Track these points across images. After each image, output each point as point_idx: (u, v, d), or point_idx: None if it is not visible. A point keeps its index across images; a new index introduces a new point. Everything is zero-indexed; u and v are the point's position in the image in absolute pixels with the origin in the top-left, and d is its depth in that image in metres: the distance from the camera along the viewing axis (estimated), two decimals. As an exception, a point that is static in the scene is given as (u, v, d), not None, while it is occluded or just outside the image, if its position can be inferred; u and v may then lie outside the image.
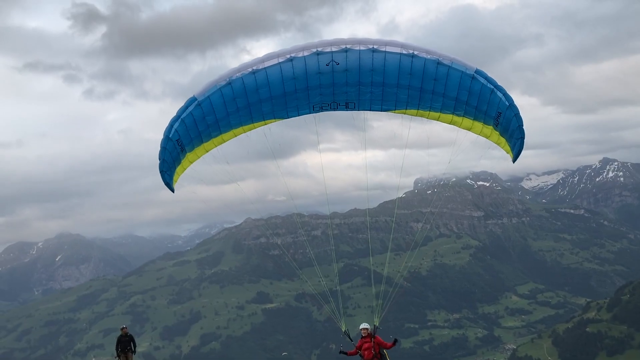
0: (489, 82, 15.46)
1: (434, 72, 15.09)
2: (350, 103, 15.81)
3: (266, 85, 15.01)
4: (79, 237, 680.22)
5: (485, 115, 15.76)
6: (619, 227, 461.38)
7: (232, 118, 15.44)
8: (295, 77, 14.96)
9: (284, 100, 15.44)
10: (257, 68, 14.91)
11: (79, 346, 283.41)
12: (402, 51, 14.94)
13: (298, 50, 14.96)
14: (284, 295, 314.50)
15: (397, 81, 15.21)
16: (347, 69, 14.89)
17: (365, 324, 15.14)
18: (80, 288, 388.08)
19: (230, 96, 14.99)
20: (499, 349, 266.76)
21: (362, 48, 14.86)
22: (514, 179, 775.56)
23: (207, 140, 15.86)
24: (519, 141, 15.89)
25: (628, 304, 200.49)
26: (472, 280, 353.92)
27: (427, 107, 15.98)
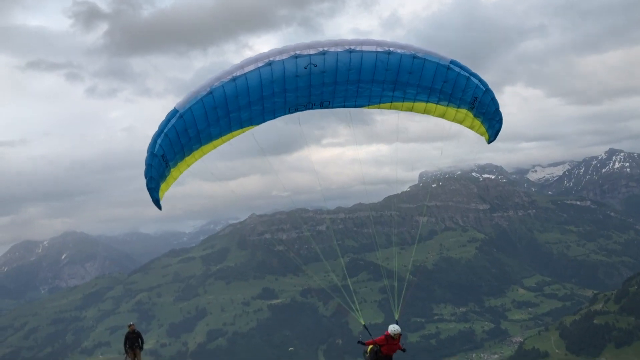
0: (464, 71, 15.85)
1: (410, 65, 15.41)
2: (325, 102, 15.97)
3: (245, 92, 14.89)
4: (84, 235, 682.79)
5: (460, 100, 16.16)
6: (625, 218, 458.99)
7: (212, 129, 15.22)
8: (274, 80, 14.95)
9: (262, 105, 15.39)
10: (237, 74, 14.78)
11: (86, 344, 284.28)
12: (378, 49, 15.23)
13: (276, 54, 14.98)
14: (289, 291, 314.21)
15: (372, 77, 15.47)
16: (325, 71, 15.03)
17: (399, 329, 15.32)
18: (86, 286, 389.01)
19: (211, 106, 14.78)
20: (506, 342, 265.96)
21: (340, 49, 15.05)
22: (520, 171, 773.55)
23: (189, 154, 15.66)
24: (498, 123, 16.88)
25: (636, 295, 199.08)
26: (478, 273, 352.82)
27: (400, 98, 16.25)
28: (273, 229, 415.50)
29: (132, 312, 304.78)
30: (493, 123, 16.84)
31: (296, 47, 14.95)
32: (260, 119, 15.82)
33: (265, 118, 15.88)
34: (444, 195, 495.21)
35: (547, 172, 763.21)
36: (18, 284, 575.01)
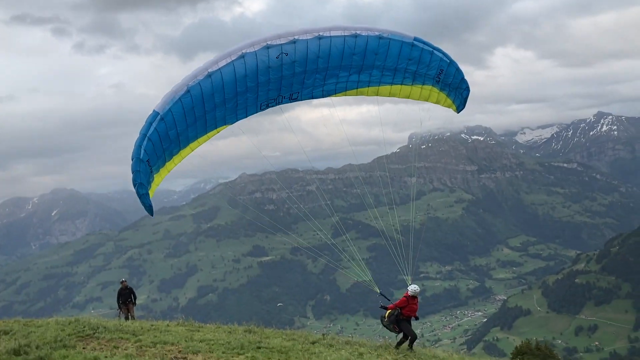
0: (427, 46, 15.97)
1: (376, 46, 15.41)
2: (294, 93, 15.84)
3: (221, 88, 14.62)
4: (74, 192, 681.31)
5: (424, 77, 16.30)
6: (611, 181, 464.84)
7: (190, 130, 14.87)
8: (247, 74, 14.70)
9: (235, 102, 15.14)
10: (212, 70, 14.49)
11: (78, 299, 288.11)
12: (346, 33, 15.20)
13: (249, 46, 14.76)
14: (279, 249, 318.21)
15: (340, 62, 15.38)
16: (295, 60, 14.89)
17: (419, 289, 15.60)
18: (77, 242, 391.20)
19: (189, 106, 14.39)
20: (489, 300, 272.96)
21: (309, 37, 14.95)
22: (508, 133, 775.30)
23: (169, 159, 15.24)
24: (466, 91, 16.95)
25: (617, 255, 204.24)
26: (464, 233, 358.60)
27: (365, 82, 16.26)
28: (263, 189, 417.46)
29: (122, 268, 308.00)
30: (460, 92, 17.03)
31: (267, 38, 14.86)
32: (233, 118, 15.59)
33: (239, 116, 15.67)
34: (432, 157, 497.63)
35: (536, 134, 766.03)
36: (9, 240, 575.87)
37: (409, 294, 15.34)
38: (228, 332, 15.11)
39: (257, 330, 16.03)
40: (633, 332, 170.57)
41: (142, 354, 11.15)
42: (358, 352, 13.41)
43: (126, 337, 12.74)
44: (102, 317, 18.42)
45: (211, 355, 11.47)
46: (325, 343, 14.70)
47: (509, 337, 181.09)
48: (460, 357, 16.05)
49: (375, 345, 15.65)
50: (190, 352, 11.66)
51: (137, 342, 12.22)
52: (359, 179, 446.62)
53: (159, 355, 11.07)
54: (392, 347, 15.26)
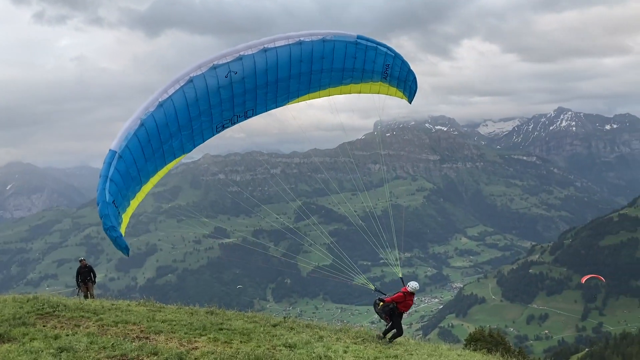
0: (370, 42, 16.10)
1: (322, 50, 15.45)
2: (249, 110, 15.59)
3: (174, 116, 14.15)
4: (31, 167, 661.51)
5: (372, 73, 16.46)
6: (567, 175, 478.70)
7: (149, 165, 14.38)
8: (198, 97, 14.32)
9: (190, 129, 14.67)
10: (163, 99, 14.02)
11: (32, 276, 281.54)
12: (290, 41, 15.12)
13: (196, 69, 14.44)
14: (241, 231, 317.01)
15: (289, 72, 15.29)
16: (244, 76, 14.69)
17: (418, 286, 15.44)
18: (33, 218, 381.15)
19: (145, 139, 13.86)
20: (446, 287, 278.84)
21: (255, 51, 14.79)
22: (471, 125, 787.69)
23: (133, 197, 14.82)
24: (413, 83, 17.32)
25: (570, 247, 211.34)
26: (424, 221, 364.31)
27: (316, 87, 16.26)
28: (227, 170, 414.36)
29: (80, 245, 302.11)
30: (408, 84, 17.27)
31: (213, 58, 14.57)
32: (190, 145, 15.14)
33: (195, 143, 15.22)
34: (397, 145, 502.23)
35: (498, 126, 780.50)
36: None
37: (407, 290, 15.27)
38: (190, 314, 15.18)
39: (218, 312, 16.14)
40: (581, 321, 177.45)
41: (104, 333, 11.15)
42: (318, 336, 13.68)
43: (87, 315, 12.70)
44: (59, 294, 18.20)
45: (173, 336, 11.55)
46: (286, 326, 14.94)
47: (464, 324, 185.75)
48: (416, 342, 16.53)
49: (335, 329, 15.97)
50: (152, 332, 11.72)
51: (99, 321, 12.22)
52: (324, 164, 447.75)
53: (121, 335, 11.10)
54: (373, 336, 15.37)
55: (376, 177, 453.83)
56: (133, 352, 9.71)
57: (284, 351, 11.11)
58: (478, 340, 28.85)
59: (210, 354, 10.02)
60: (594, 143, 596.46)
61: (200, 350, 10.38)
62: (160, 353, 9.75)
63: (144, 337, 11.19)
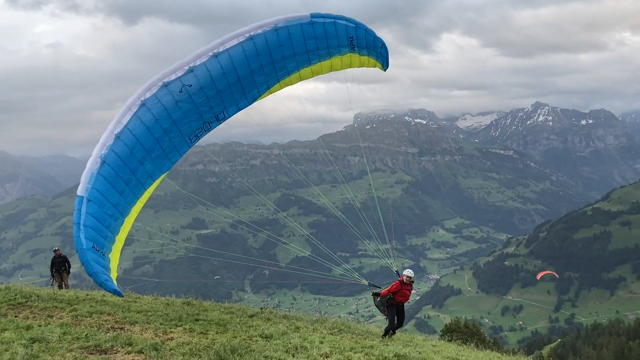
0: (327, 18, 15.62)
1: (276, 39, 14.97)
2: (220, 114, 15.10)
3: (136, 144, 13.64)
4: (5, 155, 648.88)
5: (338, 47, 16.00)
6: (543, 169, 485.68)
7: (126, 197, 13.93)
8: (157, 118, 13.85)
9: (160, 149, 14.21)
10: (119, 130, 13.58)
11: (5, 265, 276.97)
12: (240, 39, 14.70)
13: (146, 91, 14.04)
14: (219, 222, 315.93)
15: (249, 68, 14.87)
16: (202, 86, 14.24)
17: (413, 274, 14.79)
18: (6, 207, 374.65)
19: (112, 175, 13.42)
20: (423, 278, 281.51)
21: (205, 59, 14.39)
22: (450, 118, 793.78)
23: (118, 232, 14.25)
24: (383, 49, 16.73)
25: (544, 240, 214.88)
26: (402, 213, 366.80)
27: (284, 74, 15.82)
28: (205, 160, 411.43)
29: (55, 235, 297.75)
30: (378, 51, 16.68)
31: (162, 76, 14.18)
32: (167, 163, 14.79)
33: (172, 159, 14.85)
34: (376, 137, 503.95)
35: (476, 120, 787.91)
36: None
37: (403, 278, 14.71)
38: (166, 304, 15.09)
39: (195, 303, 16.07)
40: (554, 312, 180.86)
41: (78, 324, 11.03)
42: (295, 326, 13.72)
43: (61, 306, 12.55)
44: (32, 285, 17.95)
45: (149, 327, 11.47)
46: (263, 317, 14.95)
47: (440, 315, 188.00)
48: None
49: (312, 319, 16.03)
50: (127, 322, 11.62)
51: (73, 311, 12.07)
52: (304, 155, 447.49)
53: (95, 325, 10.98)
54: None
55: (356, 169, 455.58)
56: (107, 343, 9.62)
57: (260, 342, 11.12)
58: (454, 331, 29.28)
59: (186, 345, 9.98)
60: (569, 138, 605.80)
61: (175, 341, 10.33)
62: (134, 344, 9.67)
63: (118, 328, 11.09)
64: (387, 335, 14.44)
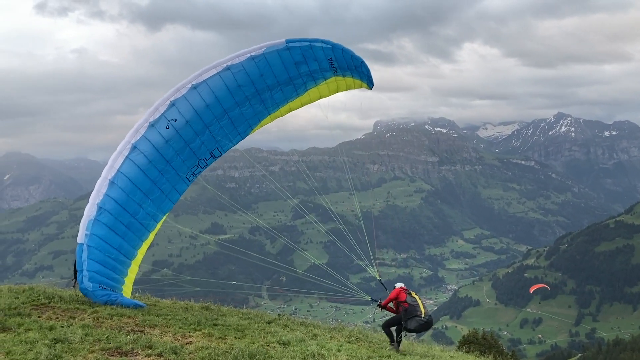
0: (303, 42, 15.16)
1: (255, 68, 14.63)
2: (215, 150, 14.97)
3: (133, 189, 13.71)
4: (29, 157, 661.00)
5: (321, 71, 15.57)
6: (565, 180, 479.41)
7: (130, 240, 14.02)
8: (151, 160, 13.87)
9: (159, 191, 14.23)
10: (112, 176, 13.70)
11: (27, 267, 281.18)
12: (218, 69, 14.43)
13: (134, 134, 14.00)
14: (238, 227, 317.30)
15: (233, 101, 14.62)
16: (188, 120, 14.09)
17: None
18: (30, 209, 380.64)
19: (111, 221, 13.53)
20: (441, 289, 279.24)
21: (185, 92, 14.22)
22: (471, 127, 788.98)
23: (126, 275, 14.35)
24: (362, 66, 16.08)
25: (565, 253, 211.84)
26: (421, 222, 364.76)
27: (273, 106, 15.53)
28: (225, 166, 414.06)
29: (76, 238, 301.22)
30: (359, 69, 16.07)
31: (147, 117, 14.14)
32: (167, 204, 14.77)
33: (172, 199, 14.84)
34: (396, 145, 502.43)
35: (497, 130, 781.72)
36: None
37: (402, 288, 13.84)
38: (184, 308, 15.24)
39: (213, 307, 16.20)
40: (574, 326, 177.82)
41: (99, 325, 11.19)
42: (312, 334, 13.75)
43: (82, 307, 12.74)
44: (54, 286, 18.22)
45: (168, 330, 11.60)
46: (280, 323, 15.00)
47: (458, 326, 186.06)
48: (409, 342, 16.59)
49: (329, 327, 16.04)
50: (147, 325, 11.77)
51: (94, 313, 12.25)
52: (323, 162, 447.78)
53: (116, 327, 11.14)
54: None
55: (375, 177, 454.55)
56: (128, 345, 9.76)
57: (277, 348, 11.18)
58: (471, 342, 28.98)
59: (205, 349, 10.08)
60: (592, 149, 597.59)
61: (194, 345, 10.44)
62: (154, 346, 9.80)
63: (138, 331, 11.24)
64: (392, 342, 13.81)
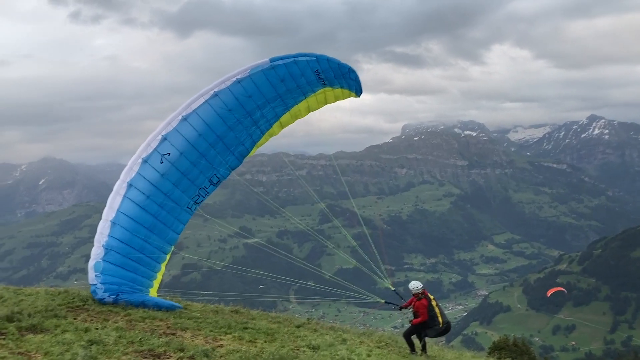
0: (287, 59, 15.05)
1: (243, 91, 14.66)
2: (213, 178, 15.12)
3: (135, 226, 13.98)
4: (64, 162, 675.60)
5: (308, 85, 15.54)
6: (598, 184, 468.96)
7: (142, 274, 14.37)
8: (149, 195, 14.07)
9: (162, 224, 14.53)
10: (112, 217, 13.98)
11: (61, 269, 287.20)
12: (206, 97, 14.45)
13: (128, 172, 14.26)
14: (266, 231, 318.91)
15: (225, 126, 14.65)
16: (182, 152, 14.19)
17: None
18: (63, 213, 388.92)
19: (120, 261, 13.82)
20: (471, 294, 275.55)
21: (175, 124, 14.25)
22: (501, 131, 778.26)
23: (151, 287, 14.93)
24: (352, 73, 15.94)
25: (599, 258, 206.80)
26: (450, 227, 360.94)
27: (266, 125, 15.61)
28: (253, 170, 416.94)
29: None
30: (347, 76, 15.94)
31: (140, 154, 14.28)
32: (172, 236, 15.12)
33: (177, 230, 15.17)
34: (424, 149, 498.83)
35: (528, 133, 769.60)
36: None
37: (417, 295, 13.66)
38: (215, 312, 15.40)
39: (243, 311, 16.35)
40: (609, 334, 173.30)
41: (132, 328, 11.39)
42: (342, 338, 13.76)
43: (115, 310, 12.99)
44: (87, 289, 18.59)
45: (199, 333, 11.75)
46: (310, 327, 15.05)
47: (488, 332, 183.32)
48: (439, 348, 16.46)
49: (358, 332, 16.02)
50: (179, 328, 11.94)
51: (127, 316, 12.48)
52: (350, 166, 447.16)
53: (148, 330, 11.32)
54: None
55: (403, 181, 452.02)
56: (160, 348, 9.91)
57: (307, 352, 11.21)
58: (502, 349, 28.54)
59: (235, 352, 10.17)
60: (627, 152, 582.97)
61: (225, 348, 10.55)
62: (186, 349, 9.93)
63: (170, 333, 11.41)
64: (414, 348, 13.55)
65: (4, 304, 12.31)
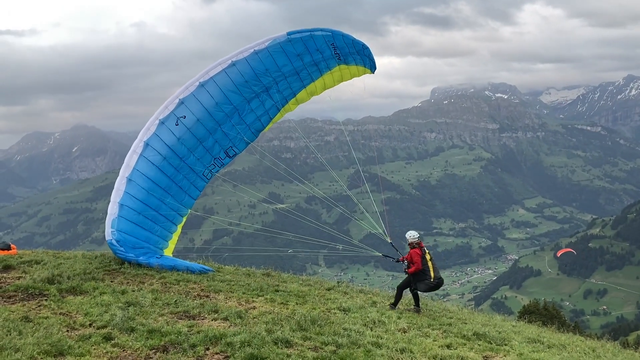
0: (304, 33, 15.05)
1: (260, 63, 14.71)
2: (229, 149, 15.33)
3: (154, 187, 14.12)
4: (95, 130, 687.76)
5: (324, 61, 15.56)
6: (634, 147, 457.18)
7: (156, 232, 14.58)
8: (165, 157, 14.22)
9: (178, 188, 14.67)
10: (129, 174, 14.12)
11: (96, 234, 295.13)
12: (223, 66, 14.56)
13: (146, 131, 14.41)
14: (294, 197, 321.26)
15: (242, 97, 14.78)
16: (198, 119, 14.35)
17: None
18: (97, 179, 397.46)
19: (135, 218, 14.02)
20: (501, 258, 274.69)
21: (192, 89, 14.42)
22: (533, 93, 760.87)
23: (169, 244, 15.46)
24: (367, 49, 15.93)
25: (633, 222, 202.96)
26: (480, 191, 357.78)
27: (282, 100, 15.67)
28: (281, 137, 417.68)
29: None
30: (362, 53, 15.95)
31: (157, 115, 14.46)
32: (188, 201, 15.29)
33: (193, 195, 15.38)
34: (454, 113, 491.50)
35: (561, 95, 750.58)
36: (30, 173, 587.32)
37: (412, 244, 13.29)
38: (247, 275, 15.68)
39: (274, 274, 16.61)
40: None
41: (167, 290, 11.70)
42: (372, 301, 13.92)
43: (150, 273, 13.32)
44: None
45: (232, 295, 12.00)
46: (340, 290, 15.24)
47: (518, 296, 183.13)
48: (469, 311, 16.51)
49: (388, 295, 16.16)
50: (212, 291, 12.22)
51: (162, 279, 12.80)
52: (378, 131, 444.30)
53: (183, 293, 11.62)
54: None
55: (432, 145, 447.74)
56: (195, 310, 10.18)
57: (338, 314, 11.38)
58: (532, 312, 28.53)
59: (268, 314, 10.39)
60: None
61: (258, 310, 10.77)
62: (220, 311, 10.18)
63: (204, 296, 11.68)
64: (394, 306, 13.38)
65: (44, 267, 12.74)
